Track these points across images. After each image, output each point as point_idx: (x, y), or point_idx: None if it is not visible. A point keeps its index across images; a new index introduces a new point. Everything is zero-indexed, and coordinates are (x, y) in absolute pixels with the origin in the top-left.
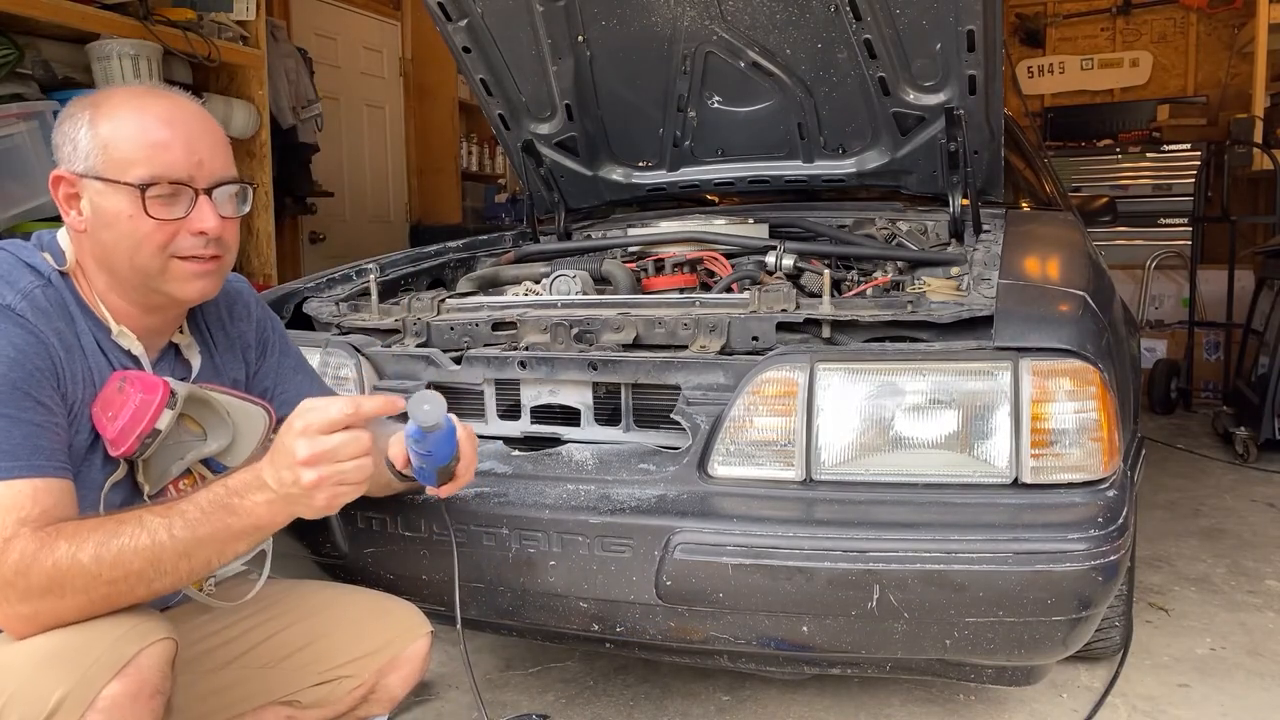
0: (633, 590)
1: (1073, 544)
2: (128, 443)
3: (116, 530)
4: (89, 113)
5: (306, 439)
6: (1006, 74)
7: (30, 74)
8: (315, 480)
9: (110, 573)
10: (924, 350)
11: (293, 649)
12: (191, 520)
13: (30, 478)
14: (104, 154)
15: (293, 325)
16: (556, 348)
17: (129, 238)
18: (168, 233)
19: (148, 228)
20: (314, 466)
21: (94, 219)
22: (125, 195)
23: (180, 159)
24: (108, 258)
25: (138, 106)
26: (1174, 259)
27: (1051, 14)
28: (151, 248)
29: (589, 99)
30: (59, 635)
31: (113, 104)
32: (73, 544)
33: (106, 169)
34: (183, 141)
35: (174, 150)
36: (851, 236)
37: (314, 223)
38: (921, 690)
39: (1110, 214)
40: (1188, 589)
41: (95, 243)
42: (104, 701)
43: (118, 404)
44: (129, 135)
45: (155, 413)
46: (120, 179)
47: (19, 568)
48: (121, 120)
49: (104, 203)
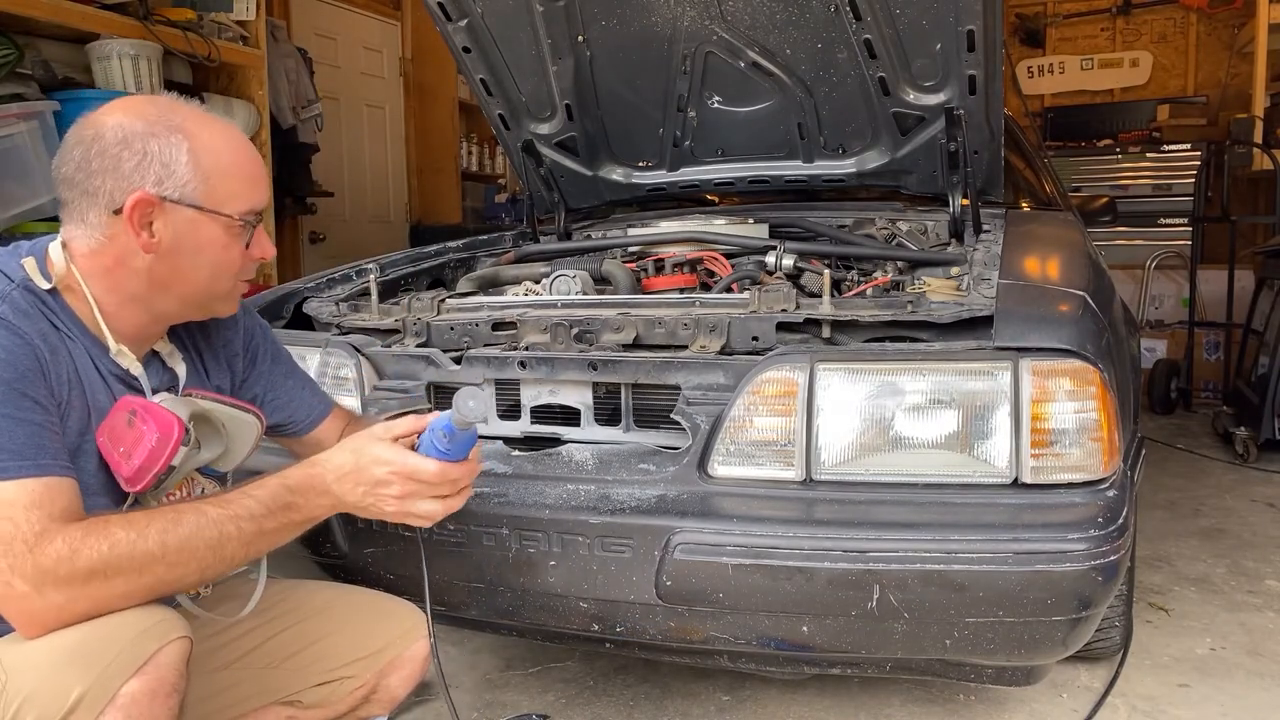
0: (633, 590)
1: (1073, 544)
2: (144, 481)
3: (178, 519)
4: (185, 139)
5: (400, 483)
6: (1006, 74)
7: (30, 74)
8: (395, 511)
9: (175, 556)
10: (924, 350)
11: (294, 650)
12: (257, 515)
13: (41, 476)
14: (206, 185)
15: (293, 325)
16: (556, 348)
17: (215, 265)
18: (244, 260)
19: (235, 256)
20: (400, 501)
21: (173, 244)
22: (222, 226)
23: (264, 194)
24: (174, 280)
25: (228, 139)
26: (1174, 259)
27: (1051, 14)
28: (231, 274)
29: (589, 99)
30: (77, 632)
31: (205, 133)
32: (130, 532)
33: (209, 200)
34: (264, 176)
35: (261, 185)
36: (851, 236)
37: (314, 223)
38: (921, 690)
39: (1110, 214)
40: (1188, 589)
41: (165, 265)
42: (123, 699)
43: (130, 440)
44: (231, 172)
45: (172, 452)
46: (221, 210)
47: (62, 554)
48: (221, 153)
49: (197, 231)
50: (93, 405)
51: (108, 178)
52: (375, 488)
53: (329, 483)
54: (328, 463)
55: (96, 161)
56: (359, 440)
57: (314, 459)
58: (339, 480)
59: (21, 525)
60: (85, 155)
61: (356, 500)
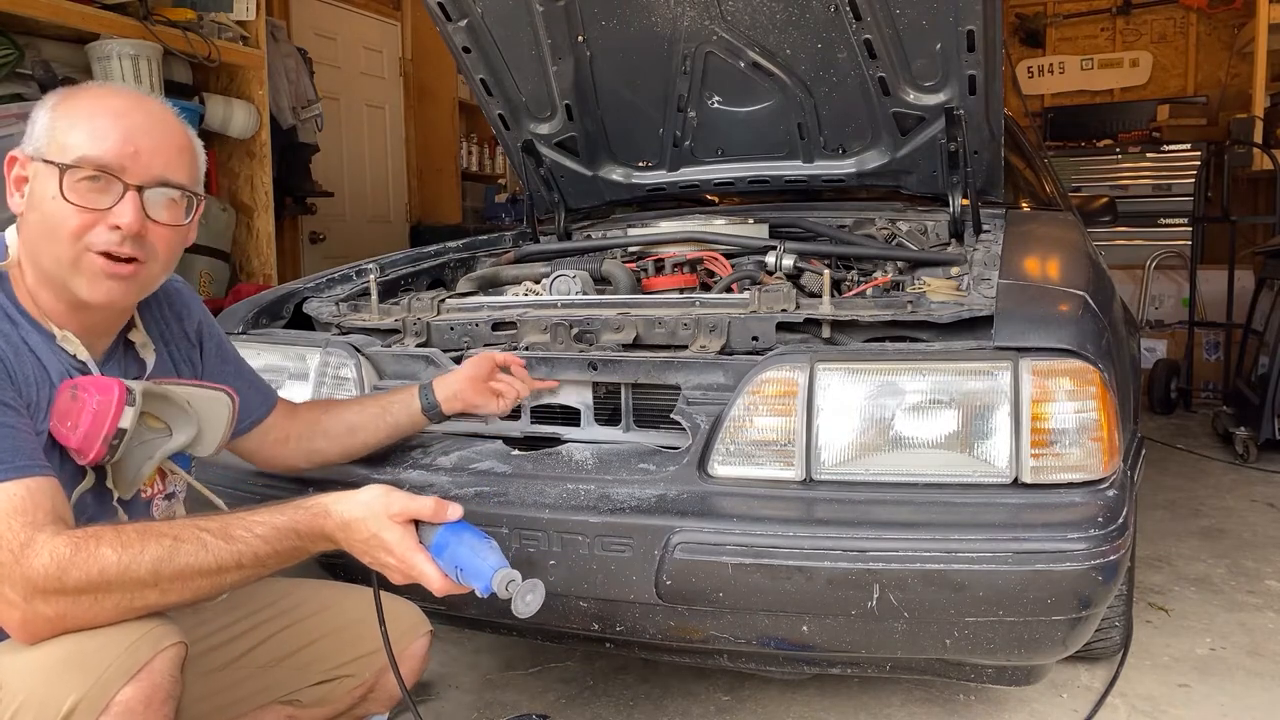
0: (633, 590)
1: (1073, 544)
2: (95, 448)
3: (176, 548)
4: (55, 98)
5: (400, 575)
6: (1006, 74)
7: (30, 74)
8: (398, 579)
9: (168, 584)
10: (924, 350)
11: (293, 649)
12: (261, 556)
13: (20, 479)
14: (50, 135)
15: (293, 325)
16: (556, 348)
17: (48, 220)
18: (84, 221)
19: (65, 211)
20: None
21: (29, 201)
22: (55, 177)
23: (114, 147)
24: (32, 244)
25: (98, 95)
26: (1174, 259)
27: (1051, 14)
28: (65, 233)
29: (589, 99)
30: (71, 641)
31: (80, 94)
32: (123, 554)
33: (48, 149)
34: (123, 131)
35: (110, 138)
36: (851, 236)
37: (314, 223)
38: (921, 690)
39: (1110, 214)
40: (1188, 589)
41: (32, 226)
42: (117, 706)
43: (75, 412)
44: (77, 120)
45: (116, 412)
46: (54, 159)
47: (50, 571)
48: (77, 106)
49: (38, 185)
50: None
51: None
52: (379, 557)
53: (332, 530)
54: (339, 515)
55: None
56: (374, 507)
57: (325, 507)
58: (345, 536)
59: (5, 534)
60: None
61: (358, 554)
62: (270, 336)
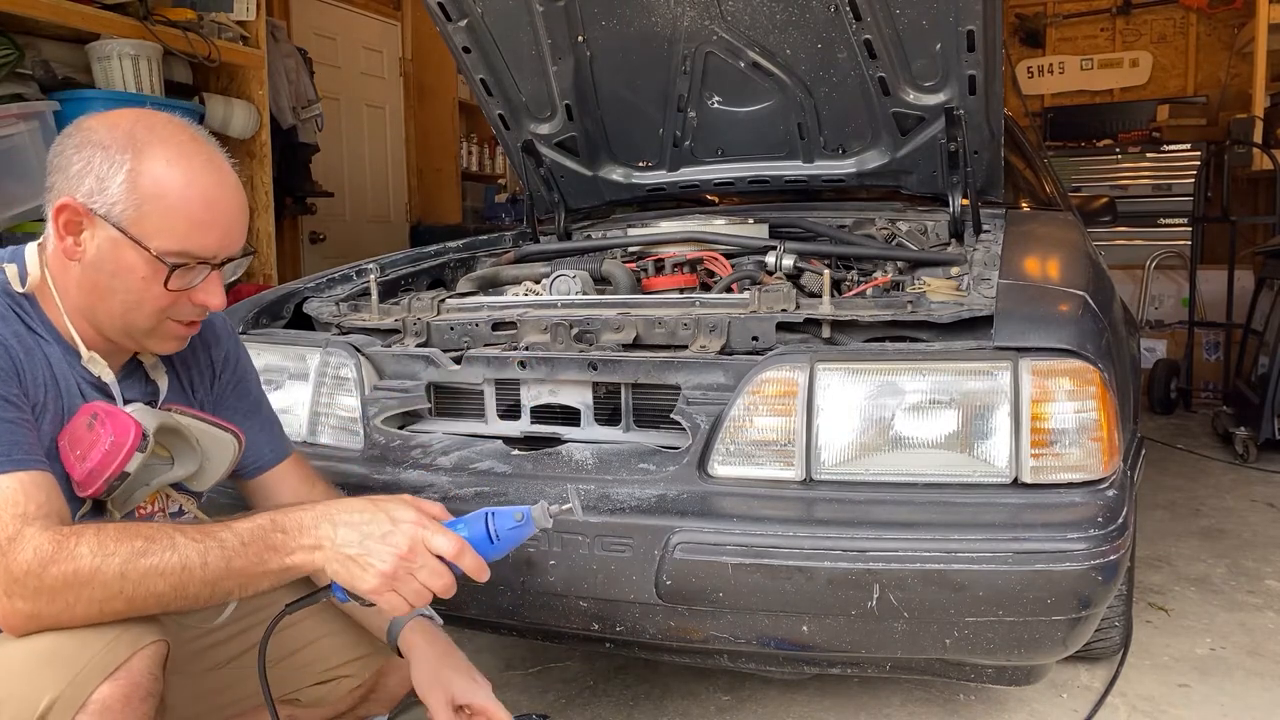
0: (632, 590)
1: (1073, 544)
2: (95, 485)
3: (146, 548)
4: (130, 159)
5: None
6: (1006, 74)
7: (30, 74)
8: (387, 572)
9: (132, 590)
10: (924, 350)
11: (292, 649)
12: (229, 551)
13: (15, 472)
14: (137, 211)
15: (293, 325)
16: (556, 348)
17: (132, 294)
18: (174, 300)
19: (157, 293)
20: (400, 561)
21: (96, 259)
22: (145, 260)
23: (214, 243)
24: (97, 296)
25: (186, 172)
26: (1174, 259)
27: (1051, 14)
28: (152, 310)
29: (589, 99)
30: (51, 638)
31: (159, 159)
32: (97, 554)
33: (134, 226)
34: (222, 227)
35: (211, 235)
36: (851, 236)
37: (314, 223)
38: (921, 690)
39: (1110, 214)
40: (1188, 589)
41: (89, 278)
42: (95, 704)
43: (87, 443)
44: (171, 206)
45: (125, 457)
46: (147, 244)
47: (31, 567)
48: (166, 184)
49: (117, 254)
50: (67, 410)
51: (59, 176)
52: (381, 539)
53: (319, 520)
54: (334, 501)
55: (59, 159)
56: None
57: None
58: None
59: None
60: (57, 150)
61: (348, 547)
62: (270, 336)
